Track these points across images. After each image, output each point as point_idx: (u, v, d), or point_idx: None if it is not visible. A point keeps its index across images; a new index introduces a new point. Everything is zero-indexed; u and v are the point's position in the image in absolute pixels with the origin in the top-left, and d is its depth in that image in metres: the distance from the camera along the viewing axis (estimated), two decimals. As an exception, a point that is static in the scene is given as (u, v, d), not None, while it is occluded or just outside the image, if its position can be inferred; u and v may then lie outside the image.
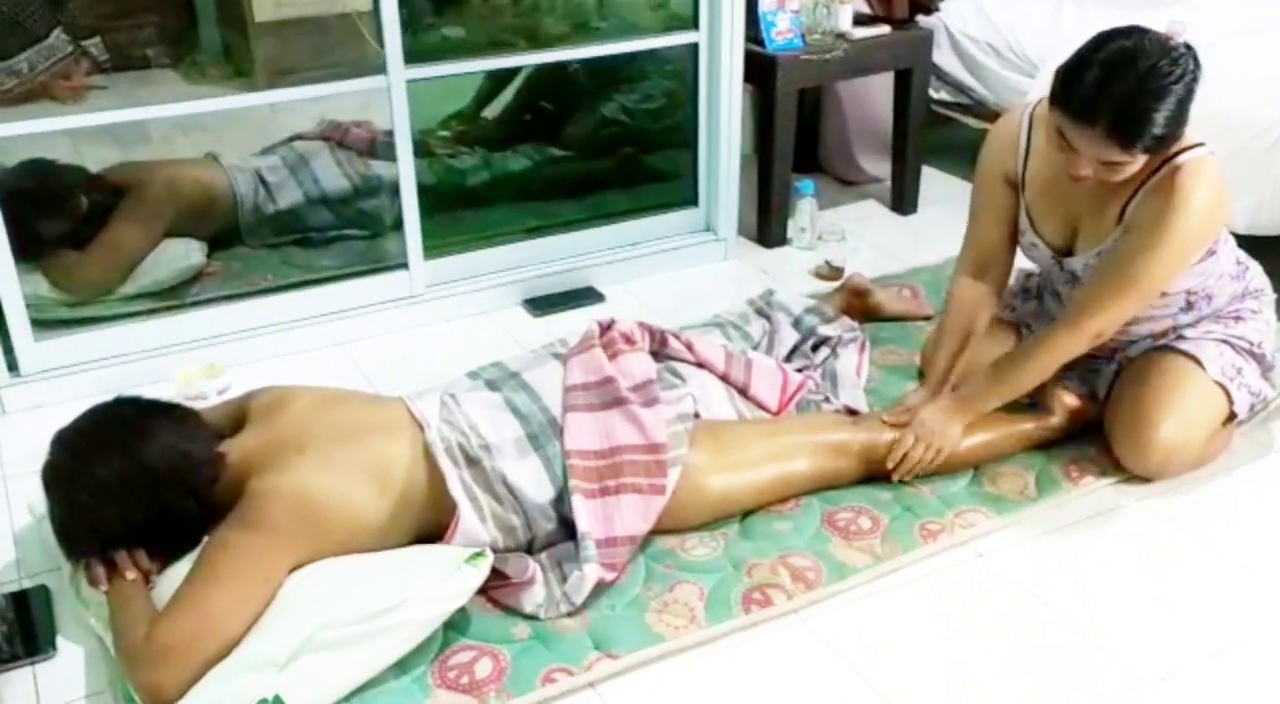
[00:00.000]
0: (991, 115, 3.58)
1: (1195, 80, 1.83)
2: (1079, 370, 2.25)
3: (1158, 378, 2.13)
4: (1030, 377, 2.13)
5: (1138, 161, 1.88)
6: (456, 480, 1.85)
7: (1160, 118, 1.81)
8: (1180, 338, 2.18)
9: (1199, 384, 2.13)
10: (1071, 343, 2.06)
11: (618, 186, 3.35)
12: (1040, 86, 3.16)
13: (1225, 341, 2.16)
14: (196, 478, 1.80)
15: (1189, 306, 2.14)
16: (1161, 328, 2.19)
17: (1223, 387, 2.13)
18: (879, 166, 3.70)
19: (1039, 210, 2.16)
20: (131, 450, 1.77)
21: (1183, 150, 1.95)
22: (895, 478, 2.11)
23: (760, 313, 2.61)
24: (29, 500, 2.09)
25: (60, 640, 1.82)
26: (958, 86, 3.69)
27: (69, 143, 2.77)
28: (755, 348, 2.46)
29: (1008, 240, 2.24)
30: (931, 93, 3.58)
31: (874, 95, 3.64)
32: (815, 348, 2.53)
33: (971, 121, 3.71)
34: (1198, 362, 2.13)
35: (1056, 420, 2.25)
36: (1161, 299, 2.10)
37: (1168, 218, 1.93)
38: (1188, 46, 1.83)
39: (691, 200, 3.20)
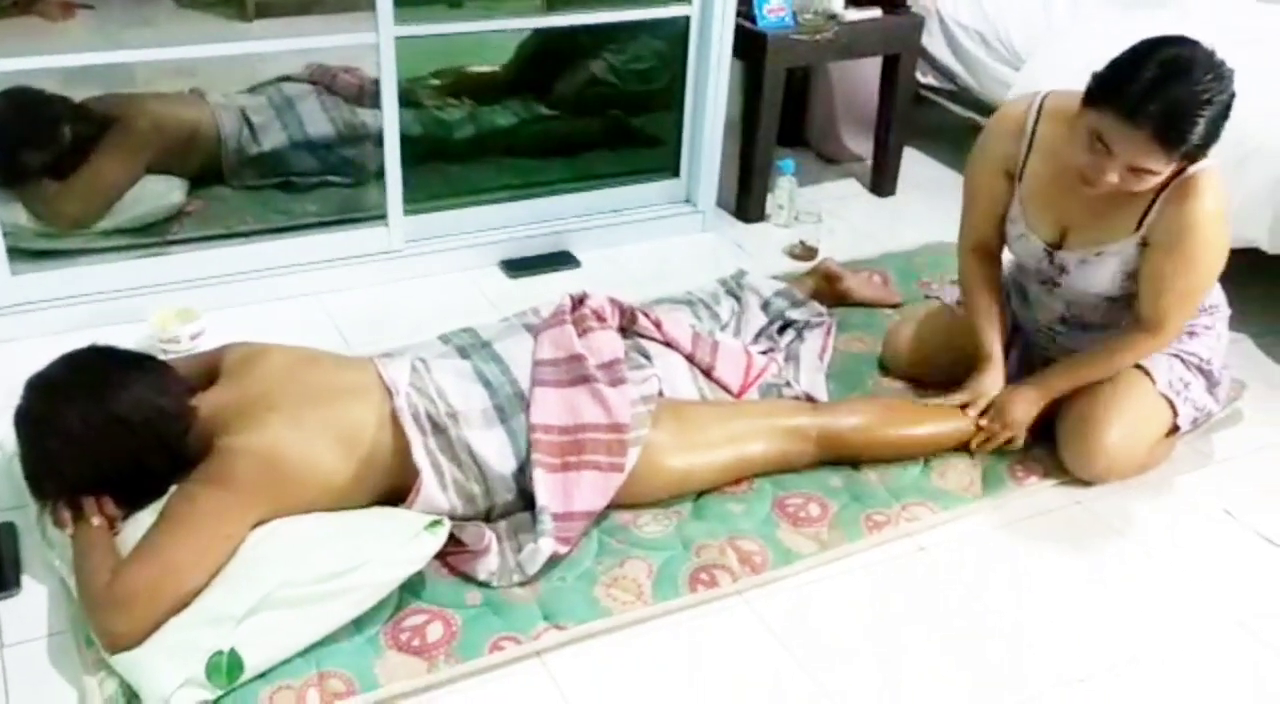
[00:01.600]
0: (975, 103, 3.62)
1: (1233, 98, 1.87)
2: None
3: (1108, 386, 2.20)
4: (1108, 375, 2.21)
5: (1165, 171, 1.93)
6: (421, 447, 1.90)
7: (1203, 128, 1.85)
8: None
9: (1147, 395, 2.19)
10: (1159, 346, 2.16)
11: (601, 149, 3.37)
12: (1024, 80, 3.21)
13: (1176, 356, 2.23)
14: (167, 431, 1.84)
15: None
16: (1107, 326, 2.25)
17: (1169, 400, 2.20)
18: (863, 145, 3.72)
19: (1033, 205, 2.20)
20: (103, 400, 1.80)
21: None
22: (974, 447, 2.26)
23: (731, 293, 2.65)
24: (-1, 437, 2.13)
25: (24, 578, 1.86)
26: (944, 72, 3.71)
27: (54, 72, 2.76)
28: (723, 328, 2.51)
29: (1000, 219, 2.28)
30: (919, 76, 3.60)
31: (864, 73, 3.66)
32: (781, 330, 2.58)
33: (956, 108, 3.74)
34: (1148, 374, 2.20)
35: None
36: (1127, 311, 2.17)
37: (1197, 229, 2.00)
38: (1228, 67, 1.87)
39: (673, 170, 3.23)
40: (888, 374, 2.55)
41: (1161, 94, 1.83)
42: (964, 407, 2.26)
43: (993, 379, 2.28)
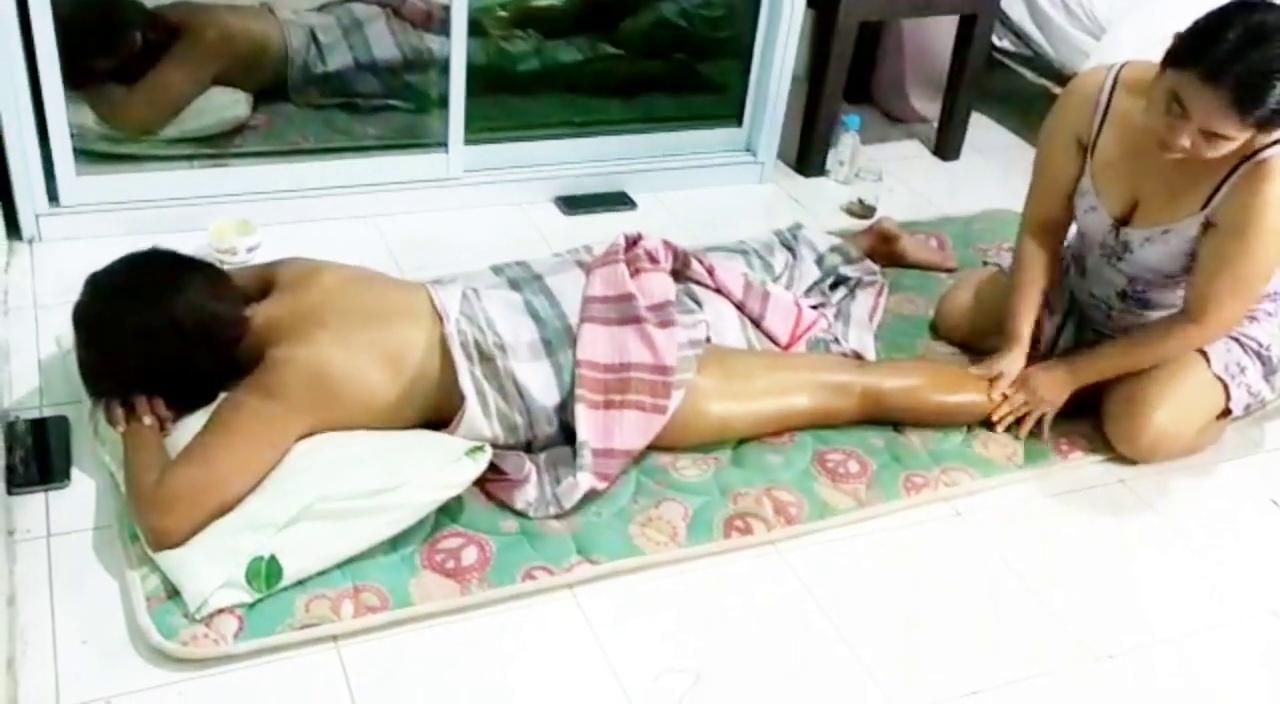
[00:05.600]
0: (1050, 70, 3.55)
1: None
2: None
3: (1160, 365, 2.17)
4: (1145, 363, 2.17)
5: (1240, 139, 1.88)
6: (467, 374, 1.91)
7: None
8: None
9: (1200, 376, 2.16)
10: (1203, 338, 2.12)
11: (664, 92, 3.35)
12: (1104, 49, 3.14)
13: (1234, 338, 2.19)
14: (220, 337, 1.86)
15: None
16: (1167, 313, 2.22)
17: (1223, 382, 2.17)
18: (930, 107, 3.66)
19: (1104, 177, 2.16)
20: (161, 303, 1.83)
21: (1271, 145, 1.95)
22: (996, 418, 2.21)
23: (785, 245, 2.63)
24: (57, 332, 2.17)
25: (74, 472, 1.91)
26: (1021, 36, 3.63)
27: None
28: (776, 280, 2.49)
29: (1068, 201, 2.24)
30: (994, 39, 3.53)
31: (937, 32, 3.59)
32: (834, 286, 2.56)
33: (1029, 74, 3.66)
34: (1204, 354, 2.17)
35: None
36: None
37: (1265, 213, 1.95)
38: None
39: (735, 119, 3.20)
40: (938, 338, 2.53)
41: (1243, 57, 1.80)
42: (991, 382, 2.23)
43: (1013, 360, 2.25)
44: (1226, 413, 2.21)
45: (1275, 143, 1.96)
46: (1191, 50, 1.86)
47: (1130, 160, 2.09)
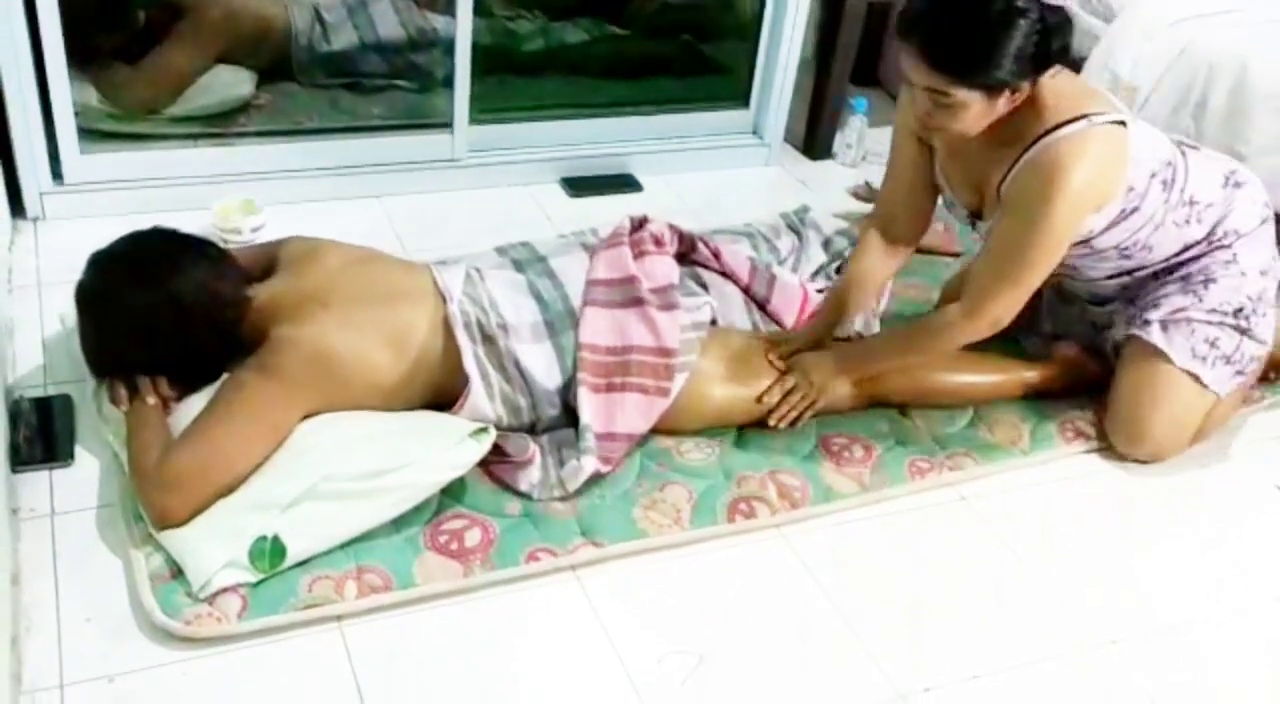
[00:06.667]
0: (1059, 55, 3.51)
1: (1046, 30, 1.76)
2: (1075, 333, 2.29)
3: (1135, 375, 2.14)
4: (921, 357, 2.13)
5: (966, 99, 1.80)
6: (471, 356, 1.91)
7: (982, 48, 1.75)
8: (1149, 316, 2.12)
9: (1172, 379, 2.11)
10: (968, 333, 2.02)
11: (671, 74, 3.33)
12: (1113, 33, 3.11)
13: (1192, 322, 2.10)
14: (220, 316, 1.86)
15: (1128, 257, 2.09)
16: (1111, 284, 2.17)
17: (1192, 374, 2.11)
18: (937, 90, 3.64)
19: (948, 171, 2.11)
20: (163, 282, 1.83)
21: (1065, 123, 1.88)
22: (772, 423, 2.07)
23: (792, 228, 2.62)
24: (61, 311, 2.16)
25: (78, 450, 1.90)
26: (1031, 20, 3.60)
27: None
28: (782, 263, 2.49)
29: (918, 194, 2.17)
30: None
31: (945, 15, 3.56)
32: (839, 270, 2.55)
33: (1038, 57, 3.63)
34: (1165, 355, 2.10)
35: (1054, 370, 2.28)
36: (1093, 255, 2.07)
37: (1042, 198, 1.87)
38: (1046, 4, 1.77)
39: (742, 101, 3.18)
40: (942, 322, 2.51)
41: (932, 11, 1.78)
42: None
43: (805, 337, 2.16)
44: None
45: (1065, 124, 1.88)
46: (899, 14, 1.84)
47: (957, 153, 2.03)
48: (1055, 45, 1.79)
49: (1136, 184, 1.96)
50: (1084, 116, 1.88)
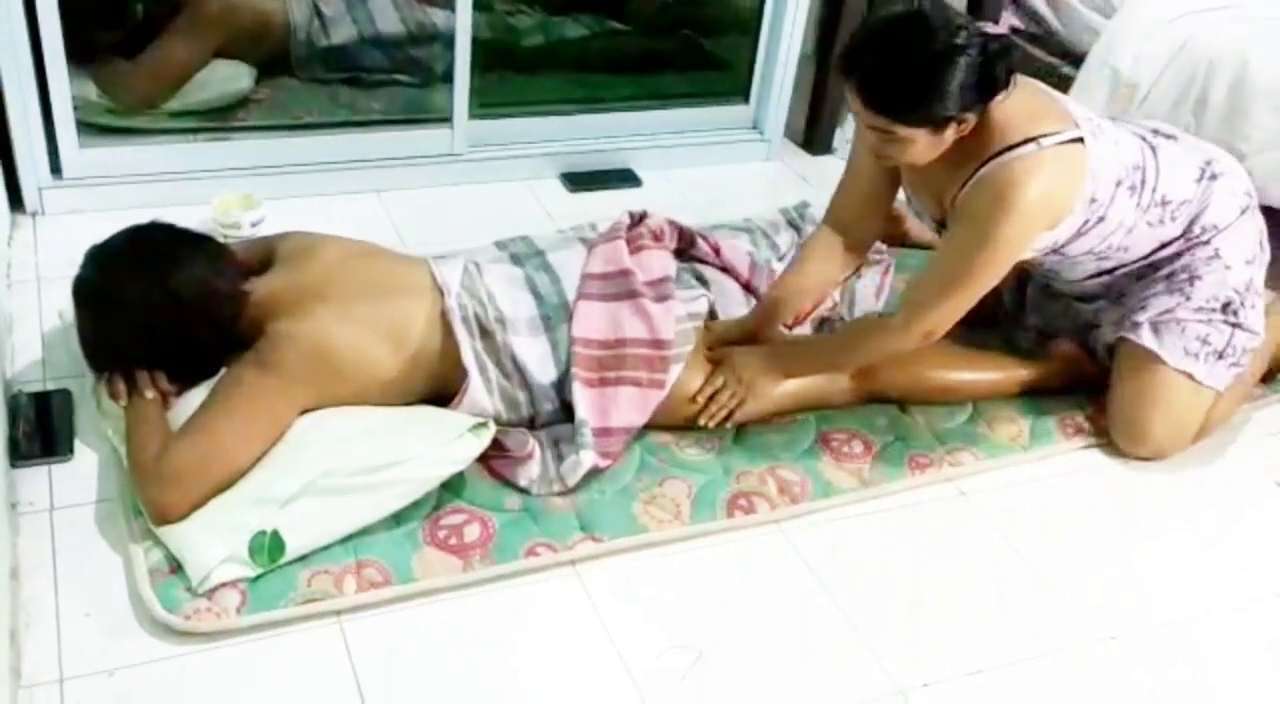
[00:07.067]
0: (1060, 49, 3.51)
1: (989, 59, 1.75)
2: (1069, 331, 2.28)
3: (1132, 378, 2.13)
4: (852, 362, 2.11)
5: (911, 135, 1.79)
6: (470, 350, 1.91)
7: (921, 88, 1.74)
8: (1138, 318, 2.11)
9: (1167, 380, 2.10)
10: (900, 342, 1.99)
11: (671, 69, 3.33)
12: (1113, 28, 3.11)
13: (1179, 322, 2.09)
14: (218, 311, 1.86)
15: (1104, 259, 2.07)
16: (1093, 283, 2.15)
17: (1187, 373, 2.10)
18: (937, 85, 3.63)
19: (912, 182, 2.10)
20: (161, 277, 1.83)
21: (1014, 145, 1.85)
22: (701, 422, 2.03)
23: (791, 224, 2.62)
24: (60, 305, 2.16)
25: (77, 445, 1.90)
26: (1031, 15, 3.60)
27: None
28: (781, 259, 2.48)
29: (870, 203, 2.16)
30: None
31: (945, 10, 3.56)
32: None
33: (1038, 53, 3.62)
34: (1158, 357, 2.10)
35: (1052, 367, 2.27)
36: (1067, 260, 2.05)
37: (990, 215, 1.85)
38: (973, 27, 1.75)
39: (742, 96, 3.18)
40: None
41: (861, 50, 1.77)
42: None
43: (740, 331, 2.15)
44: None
45: (1014, 147, 1.86)
46: (839, 51, 1.83)
47: (918, 166, 1.98)
48: (999, 72, 1.77)
49: (1099, 195, 1.93)
50: (1033, 139, 1.85)
